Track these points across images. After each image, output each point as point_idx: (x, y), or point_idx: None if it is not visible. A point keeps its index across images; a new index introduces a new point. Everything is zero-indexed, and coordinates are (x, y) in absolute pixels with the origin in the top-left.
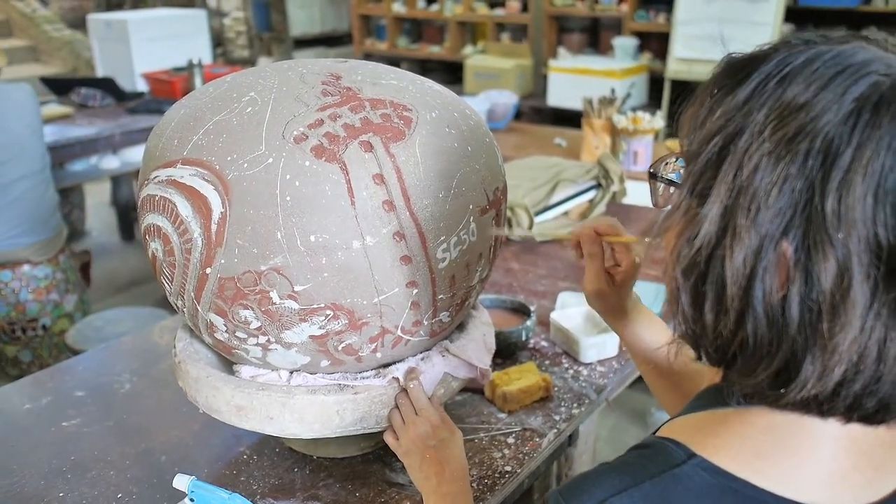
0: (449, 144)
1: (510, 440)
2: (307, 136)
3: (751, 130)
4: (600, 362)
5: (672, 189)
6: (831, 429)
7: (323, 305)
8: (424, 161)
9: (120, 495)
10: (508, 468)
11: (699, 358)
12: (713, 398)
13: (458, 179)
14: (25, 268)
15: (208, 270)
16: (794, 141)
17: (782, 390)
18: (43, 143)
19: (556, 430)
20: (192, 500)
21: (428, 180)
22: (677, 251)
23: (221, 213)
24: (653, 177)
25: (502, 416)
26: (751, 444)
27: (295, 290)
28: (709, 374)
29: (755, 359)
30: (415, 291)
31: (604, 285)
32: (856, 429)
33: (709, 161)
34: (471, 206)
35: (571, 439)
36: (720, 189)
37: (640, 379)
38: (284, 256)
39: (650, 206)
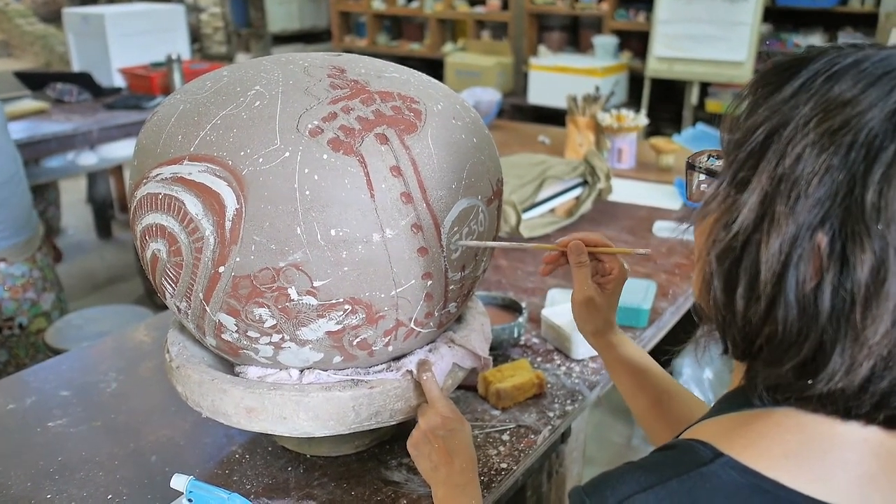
0: (457, 136)
1: (505, 437)
2: (322, 130)
3: (796, 122)
4: (592, 359)
5: (705, 185)
6: (859, 431)
7: (342, 300)
8: (437, 153)
9: (110, 496)
10: (504, 465)
11: (725, 351)
12: (737, 401)
13: (468, 170)
14: (1, 266)
15: (221, 269)
16: (839, 133)
17: (809, 381)
18: (11, 143)
19: (550, 427)
20: (189, 500)
21: (441, 171)
22: (713, 236)
23: (237, 209)
24: (691, 167)
25: (496, 413)
26: (779, 443)
27: (314, 285)
28: (696, 402)
29: (783, 348)
30: (429, 283)
31: (594, 293)
32: (883, 433)
33: (752, 151)
34: (479, 197)
35: (564, 436)
36: (762, 177)
37: None
38: (304, 252)
39: (635, 202)
